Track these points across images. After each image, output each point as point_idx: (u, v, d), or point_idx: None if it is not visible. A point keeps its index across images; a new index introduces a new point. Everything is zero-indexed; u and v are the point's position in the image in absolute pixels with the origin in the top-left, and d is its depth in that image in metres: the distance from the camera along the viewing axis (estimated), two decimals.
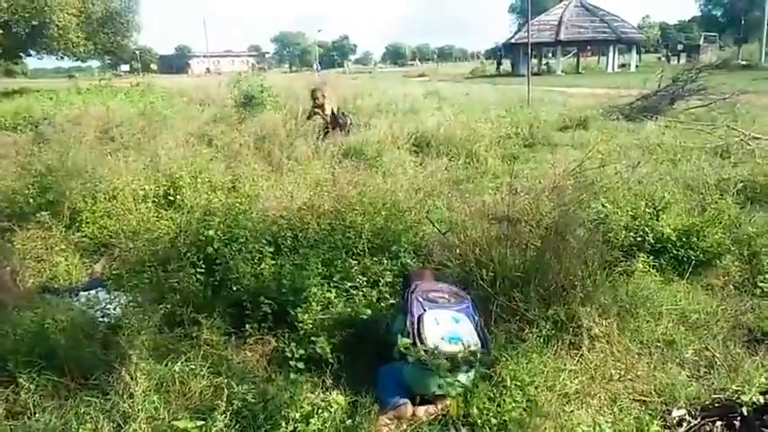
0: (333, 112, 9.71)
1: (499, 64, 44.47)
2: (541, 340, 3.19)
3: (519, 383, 2.78)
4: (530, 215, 4.14)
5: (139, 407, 2.47)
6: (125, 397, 2.54)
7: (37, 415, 2.56)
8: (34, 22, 24.09)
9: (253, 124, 9.98)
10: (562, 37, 40.43)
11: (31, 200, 5.45)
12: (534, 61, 40.27)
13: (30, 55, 30.11)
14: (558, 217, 3.86)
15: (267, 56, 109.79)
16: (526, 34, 28.02)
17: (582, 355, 3.19)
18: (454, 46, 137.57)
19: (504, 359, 2.95)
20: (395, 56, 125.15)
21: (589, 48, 47.79)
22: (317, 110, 9.88)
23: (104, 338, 3.17)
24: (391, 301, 3.65)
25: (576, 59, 45.26)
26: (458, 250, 3.87)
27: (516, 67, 41.03)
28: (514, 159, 8.52)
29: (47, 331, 3.07)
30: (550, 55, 45.58)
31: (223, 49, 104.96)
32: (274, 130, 9.21)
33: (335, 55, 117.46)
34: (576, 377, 3.00)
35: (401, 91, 17.36)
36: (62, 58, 29.42)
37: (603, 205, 4.55)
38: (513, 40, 43.38)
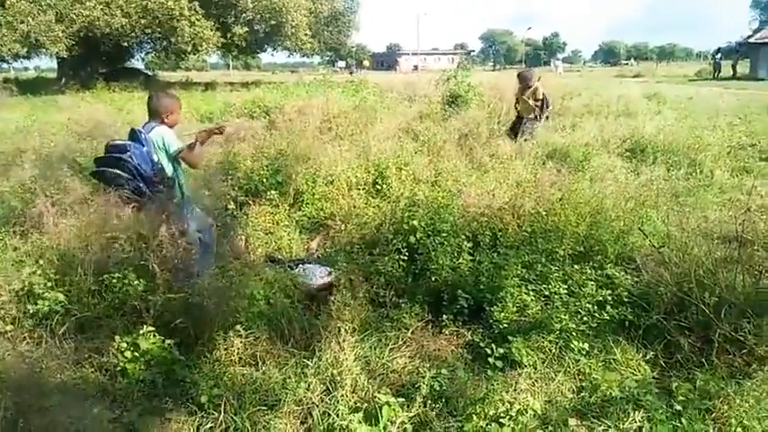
0: (544, 98, 8.94)
1: (716, 67, 37.53)
2: None
3: (743, 425, 2.46)
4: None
5: (346, 375, 2.71)
6: (335, 364, 2.79)
7: (264, 367, 2.94)
8: (272, 22, 27.28)
9: (456, 121, 10.14)
10: None
11: (264, 179, 6.21)
12: None
13: (265, 51, 34.22)
14: None
15: (473, 53, 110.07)
16: None
17: None
18: (677, 45, 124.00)
19: (725, 394, 2.63)
20: (608, 55, 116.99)
21: None
22: (520, 94, 8.98)
23: (317, 308, 3.52)
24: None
25: None
26: (675, 268, 3.53)
27: (754, 70, 35.58)
28: (747, 173, 7.51)
29: (272, 295, 3.51)
30: None
31: (430, 47, 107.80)
32: (477, 127, 9.27)
33: (543, 53, 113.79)
34: None
35: (614, 92, 16.21)
36: (291, 54, 32.93)
37: None
38: (752, 39, 37.63)
